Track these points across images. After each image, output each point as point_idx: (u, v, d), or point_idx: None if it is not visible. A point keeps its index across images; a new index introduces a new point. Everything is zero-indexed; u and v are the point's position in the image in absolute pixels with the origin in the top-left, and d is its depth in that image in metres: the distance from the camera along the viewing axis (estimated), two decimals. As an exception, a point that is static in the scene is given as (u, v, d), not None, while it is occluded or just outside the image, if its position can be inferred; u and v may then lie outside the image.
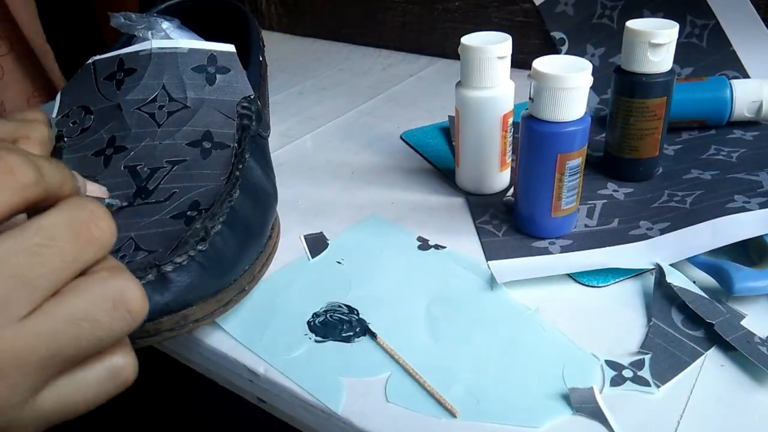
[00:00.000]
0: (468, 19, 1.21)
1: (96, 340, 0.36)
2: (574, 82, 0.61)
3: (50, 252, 0.35)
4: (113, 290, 0.37)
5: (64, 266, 0.36)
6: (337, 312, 0.62)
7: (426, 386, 0.53)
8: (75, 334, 0.35)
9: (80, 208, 0.37)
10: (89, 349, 0.37)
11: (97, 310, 0.36)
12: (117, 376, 0.39)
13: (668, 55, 0.72)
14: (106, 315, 0.36)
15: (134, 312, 0.38)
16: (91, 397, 0.38)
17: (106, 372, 0.39)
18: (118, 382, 0.39)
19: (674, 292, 0.59)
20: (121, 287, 0.37)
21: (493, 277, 0.65)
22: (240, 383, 0.60)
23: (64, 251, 0.36)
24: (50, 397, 0.36)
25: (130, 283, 0.38)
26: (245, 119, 0.70)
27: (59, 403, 0.37)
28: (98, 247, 0.38)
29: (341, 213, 0.78)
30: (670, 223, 0.68)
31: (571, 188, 0.66)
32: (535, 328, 0.59)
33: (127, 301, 0.37)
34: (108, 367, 0.39)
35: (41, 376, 0.35)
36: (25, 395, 0.35)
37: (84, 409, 0.38)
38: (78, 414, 0.38)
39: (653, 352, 0.55)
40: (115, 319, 0.37)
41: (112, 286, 0.37)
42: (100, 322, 0.36)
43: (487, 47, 0.70)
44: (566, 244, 0.68)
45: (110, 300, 0.37)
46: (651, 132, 0.75)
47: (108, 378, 0.39)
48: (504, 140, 0.75)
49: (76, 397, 0.38)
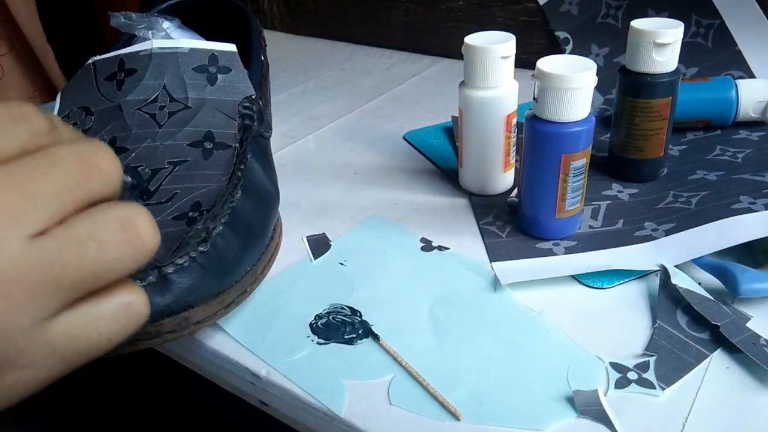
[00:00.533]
0: (471, 19, 1.21)
1: (102, 263, 0.36)
2: (578, 82, 0.61)
3: (55, 172, 0.36)
4: (121, 214, 0.37)
5: (70, 188, 0.36)
6: (339, 314, 0.62)
7: (429, 389, 0.53)
8: (80, 254, 0.35)
9: (86, 142, 0.38)
10: (96, 273, 0.36)
11: (103, 230, 0.36)
12: (128, 309, 0.39)
13: (673, 55, 0.72)
14: (113, 235, 0.36)
15: (143, 237, 0.38)
16: (104, 331, 0.38)
17: (116, 306, 0.39)
18: (131, 316, 0.40)
19: (679, 293, 0.59)
20: (130, 212, 0.38)
21: (496, 278, 0.65)
22: (242, 386, 0.60)
23: (70, 173, 0.36)
24: (61, 328, 0.36)
25: (141, 210, 0.38)
26: (247, 119, 0.70)
27: (70, 337, 0.37)
28: (104, 178, 0.38)
29: (344, 214, 0.78)
30: (675, 224, 0.68)
31: (575, 189, 0.66)
32: (539, 329, 0.59)
33: (136, 225, 0.37)
34: (119, 302, 0.39)
35: (48, 300, 0.35)
36: (32, 320, 0.35)
37: (97, 345, 0.38)
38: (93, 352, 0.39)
39: (658, 354, 0.55)
40: (123, 241, 0.37)
41: (121, 211, 0.37)
42: (106, 242, 0.36)
43: (491, 47, 0.70)
44: (570, 246, 0.68)
45: (117, 221, 0.37)
46: (656, 132, 0.75)
47: (120, 311, 0.39)
48: (508, 141, 0.75)
49: (88, 331, 0.38)
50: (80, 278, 0.36)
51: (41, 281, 0.34)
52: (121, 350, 0.52)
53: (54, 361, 0.37)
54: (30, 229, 0.34)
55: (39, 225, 0.35)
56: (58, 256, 0.35)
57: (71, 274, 0.35)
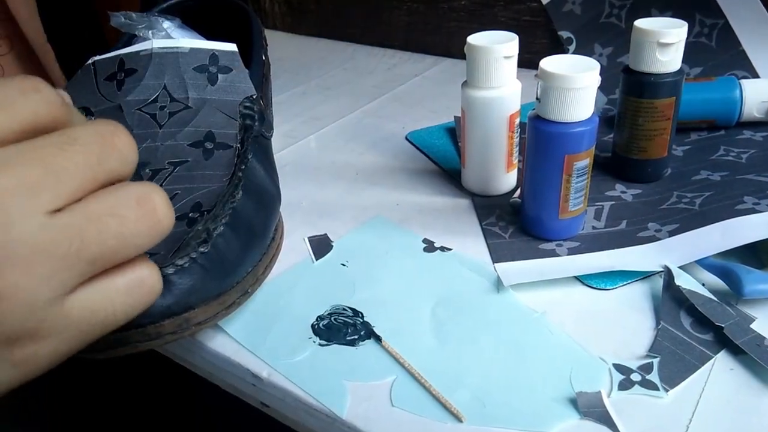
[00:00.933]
0: (474, 19, 1.21)
1: (121, 238, 0.38)
2: (581, 82, 0.61)
3: (75, 149, 0.37)
4: (139, 191, 0.39)
5: (89, 165, 0.37)
6: (341, 315, 0.62)
7: (431, 390, 0.53)
8: (100, 229, 0.37)
9: (104, 123, 0.40)
10: (115, 248, 0.38)
11: (122, 206, 0.38)
12: (143, 283, 0.41)
13: (677, 54, 0.72)
14: (131, 212, 0.38)
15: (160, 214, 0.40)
16: (119, 305, 0.40)
17: (131, 280, 0.40)
18: (144, 290, 0.41)
19: (683, 294, 0.59)
20: (147, 190, 0.39)
21: (499, 279, 0.65)
22: (243, 387, 0.60)
23: (89, 151, 0.37)
24: (79, 302, 0.38)
25: (156, 188, 0.40)
26: (248, 119, 0.70)
27: (88, 309, 0.38)
28: (122, 158, 0.39)
29: (345, 214, 0.78)
30: (678, 225, 0.68)
31: (578, 189, 0.66)
32: (542, 331, 0.59)
33: (153, 202, 0.39)
34: (133, 276, 0.40)
35: (68, 274, 0.36)
36: (52, 293, 0.36)
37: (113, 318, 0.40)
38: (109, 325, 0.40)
39: (662, 355, 0.55)
40: (140, 217, 0.38)
41: (138, 188, 0.39)
42: (125, 217, 0.38)
43: (494, 47, 0.70)
44: (574, 246, 0.68)
45: (135, 198, 0.38)
46: (659, 132, 0.75)
47: (135, 285, 0.40)
48: (510, 141, 0.75)
49: (105, 304, 0.39)
50: (99, 253, 0.37)
51: (62, 255, 0.35)
52: (122, 351, 0.52)
53: (72, 334, 0.38)
54: (51, 205, 0.35)
55: (60, 200, 0.36)
56: (79, 231, 0.36)
57: (91, 249, 0.36)
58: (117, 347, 0.52)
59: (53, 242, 0.35)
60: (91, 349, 0.51)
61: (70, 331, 0.38)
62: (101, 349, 0.51)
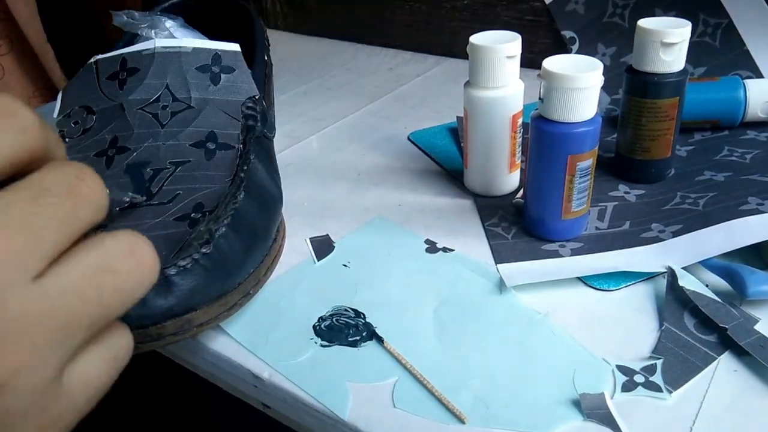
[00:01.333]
0: (476, 18, 1.21)
1: (120, 294, 0.34)
2: (584, 82, 0.61)
3: (48, 202, 0.33)
4: (127, 240, 0.35)
5: (65, 218, 0.33)
6: (343, 316, 0.62)
7: (434, 391, 0.53)
8: (98, 287, 0.33)
9: (67, 164, 0.35)
10: (115, 306, 0.34)
11: (115, 260, 0.34)
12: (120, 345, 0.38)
13: (680, 54, 0.72)
14: (125, 263, 0.35)
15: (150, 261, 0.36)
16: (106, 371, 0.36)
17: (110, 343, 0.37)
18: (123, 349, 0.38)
19: (687, 295, 0.59)
20: (134, 239, 0.36)
21: (502, 280, 0.65)
22: (244, 388, 0.60)
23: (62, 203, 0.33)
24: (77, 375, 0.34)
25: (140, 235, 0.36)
26: (250, 120, 0.70)
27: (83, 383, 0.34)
28: (92, 204, 0.35)
29: (347, 215, 0.78)
30: (682, 226, 0.68)
31: (581, 190, 0.66)
32: (544, 332, 0.59)
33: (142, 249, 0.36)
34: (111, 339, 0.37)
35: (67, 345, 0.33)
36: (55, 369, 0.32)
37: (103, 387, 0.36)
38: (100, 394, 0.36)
39: (665, 357, 0.55)
40: (134, 268, 0.35)
41: (126, 238, 0.36)
42: (120, 272, 0.34)
43: (496, 46, 0.70)
44: (577, 247, 0.68)
45: (126, 249, 0.35)
46: (663, 133, 0.75)
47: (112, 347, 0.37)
48: (513, 141, 0.75)
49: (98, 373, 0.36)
50: (100, 313, 0.34)
51: (61, 325, 0.32)
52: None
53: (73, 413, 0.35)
54: (37, 268, 0.32)
55: (44, 263, 0.32)
56: (76, 294, 0.32)
57: (92, 311, 0.33)
58: None
59: (51, 312, 0.31)
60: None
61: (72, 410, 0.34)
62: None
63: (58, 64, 1.23)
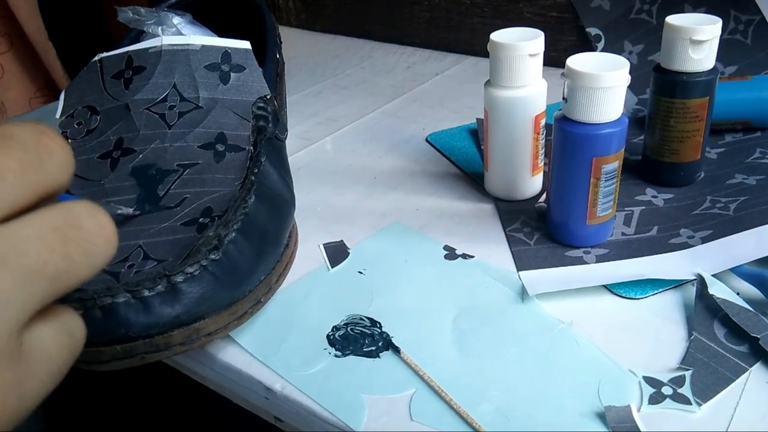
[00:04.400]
0: (498, 14, 1.21)
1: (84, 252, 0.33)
2: (610, 81, 0.61)
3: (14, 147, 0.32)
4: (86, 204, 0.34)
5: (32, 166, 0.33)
6: (358, 325, 0.62)
7: (453, 404, 0.54)
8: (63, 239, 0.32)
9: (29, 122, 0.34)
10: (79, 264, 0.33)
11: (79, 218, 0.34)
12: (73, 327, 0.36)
13: (710, 52, 0.72)
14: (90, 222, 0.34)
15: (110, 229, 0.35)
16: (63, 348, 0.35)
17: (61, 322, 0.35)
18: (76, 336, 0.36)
19: (717, 304, 0.59)
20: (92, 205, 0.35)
21: (524, 288, 0.65)
22: (255, 401, 0.60)
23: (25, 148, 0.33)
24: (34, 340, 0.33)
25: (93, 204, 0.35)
26: (261, 120, 0.70)
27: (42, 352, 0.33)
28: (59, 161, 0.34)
29: (363, 220, 0.78)
30: (712, 231, 0.68)
31: (607, 194, 0.66)
32: (568, 342, 0.59)
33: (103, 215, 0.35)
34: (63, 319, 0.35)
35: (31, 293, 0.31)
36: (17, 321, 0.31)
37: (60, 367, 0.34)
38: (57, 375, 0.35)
39: (694, 368, 0.55)
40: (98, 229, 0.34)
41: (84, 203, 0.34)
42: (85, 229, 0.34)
43: (518, 44, 0.70)
44: (602, 254, 0.68)
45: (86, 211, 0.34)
46: (692, 134, 0.75)
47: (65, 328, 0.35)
48: (536, 143, 0.75)
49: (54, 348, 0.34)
50: (64, 268, 0.33)
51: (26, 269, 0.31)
52: (129, 363, 0.52)
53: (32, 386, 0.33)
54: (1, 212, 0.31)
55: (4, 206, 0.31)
56: (40, 240, 0.32)
57: (57, 261, 0.32)
58: (123, 359, 0.52)
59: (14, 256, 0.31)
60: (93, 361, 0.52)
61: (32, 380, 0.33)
62: (105, 360, 0.52)
63: (60, 63, 1.24)
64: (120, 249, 0.58)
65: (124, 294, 0.51)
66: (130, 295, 0.52)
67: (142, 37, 0.76)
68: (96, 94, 0.72)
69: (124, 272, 0.57)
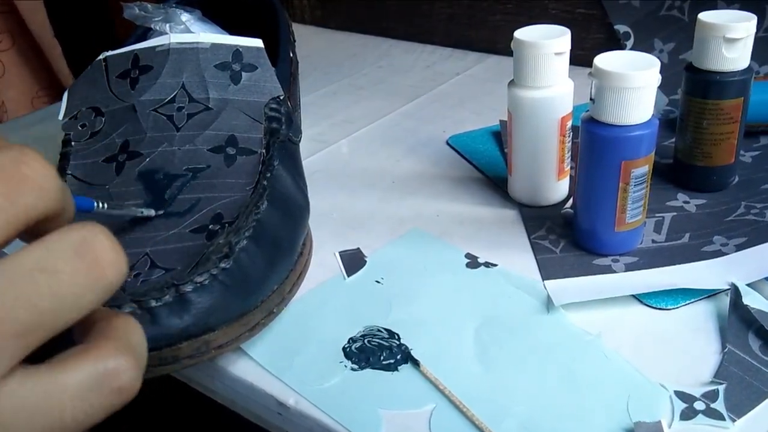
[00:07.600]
0: (522, 11, 1.21)
1: (57, 299, 0.31)
2: (640, 81, 0.61)
3: None
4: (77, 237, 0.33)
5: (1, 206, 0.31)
6: (375, 337, 0.62)
7: (475, 420, 0.54)
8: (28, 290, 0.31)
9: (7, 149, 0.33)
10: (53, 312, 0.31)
11: (54, 258, 0.32)
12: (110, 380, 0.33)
13: (745, 50, 0.72)
14: (67, 263, 0.32)
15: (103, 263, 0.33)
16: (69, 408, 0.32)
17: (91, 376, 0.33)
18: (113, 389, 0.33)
19: (751, 315, 0.59)
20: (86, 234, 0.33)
21: (549, 298, 0.65)
22: (268, 416, 0.60)
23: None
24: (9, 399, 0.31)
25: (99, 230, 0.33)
26: (274, 122, 0.70)
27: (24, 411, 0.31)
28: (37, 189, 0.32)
29: (380, 227, 0.78)
30: (747, 239, 0.68)
31: (636, 199, 0.66)
32: (596, 355, 0.59)
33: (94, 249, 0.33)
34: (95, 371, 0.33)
35: None
36: None
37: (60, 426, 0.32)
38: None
39: (728, 381, 0.55)
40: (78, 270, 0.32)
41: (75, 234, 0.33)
42: (58, 272, 0.31)
43: (543, 42, 0.70)
44: (631, 262, 0.68)
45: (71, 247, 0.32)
46: (726, 137, 0.75)
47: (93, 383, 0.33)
48: (562, 146, 0.75)
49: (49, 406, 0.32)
50: (33, 321, 0.31)
51: None
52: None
53: None
54: None
55: None
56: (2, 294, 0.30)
57: (21, 317, 0.30)
58: None
59: None
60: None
61: None
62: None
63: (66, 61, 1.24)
64: (126, 257, 0.58)
65: (130, 304, 0.52)
66: (136, 305, 0.52)
67: (149, 35, 0.77)
68: (101, 95, 0.72)
69: (130, 281, 0.57)
